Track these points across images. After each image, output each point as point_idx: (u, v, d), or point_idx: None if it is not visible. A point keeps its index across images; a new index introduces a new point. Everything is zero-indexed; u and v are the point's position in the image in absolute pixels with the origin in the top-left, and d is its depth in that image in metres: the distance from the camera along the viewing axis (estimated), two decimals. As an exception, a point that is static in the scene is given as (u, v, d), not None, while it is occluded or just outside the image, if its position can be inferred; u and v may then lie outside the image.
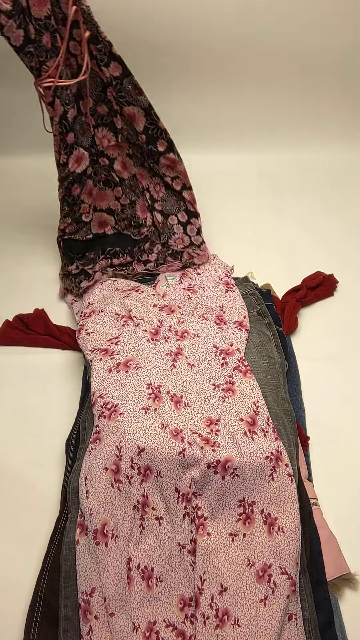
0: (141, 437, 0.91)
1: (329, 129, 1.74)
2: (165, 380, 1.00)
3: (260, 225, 1.55)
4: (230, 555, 0.86)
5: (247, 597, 0.83)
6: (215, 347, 1.06)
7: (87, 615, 0.82)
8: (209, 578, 0.83)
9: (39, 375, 1.22)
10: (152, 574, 0.84)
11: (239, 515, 0.88)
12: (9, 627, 0.88)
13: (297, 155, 1.74)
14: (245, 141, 1.75)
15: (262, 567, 0.85)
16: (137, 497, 0.89)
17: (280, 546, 0.86)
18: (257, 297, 1.23)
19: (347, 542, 0.95)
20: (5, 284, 1.42)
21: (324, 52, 1.56)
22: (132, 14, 1.45)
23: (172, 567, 0.85)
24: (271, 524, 0.87)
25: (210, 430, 0.93)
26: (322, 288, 1.35)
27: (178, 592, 0.84)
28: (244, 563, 0.85)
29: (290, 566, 0.84)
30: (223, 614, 0.81)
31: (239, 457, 0.90)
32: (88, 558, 0.85)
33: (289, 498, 0.89)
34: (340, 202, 1.61)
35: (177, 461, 0.89)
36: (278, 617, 0.81)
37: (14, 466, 1.07)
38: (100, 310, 1.16)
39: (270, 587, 0.83)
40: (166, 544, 0.86)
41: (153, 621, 0.81)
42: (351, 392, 1.17)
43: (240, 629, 0.81)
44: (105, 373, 1.02)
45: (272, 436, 0.94)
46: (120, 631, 0.80)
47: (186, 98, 1.65)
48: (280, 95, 1.66)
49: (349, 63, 1.59)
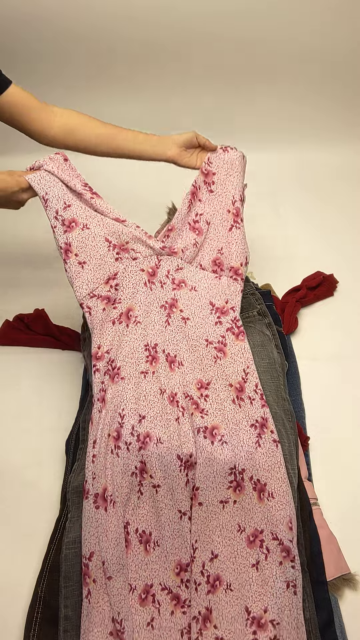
0: (142, 404, 0.93)
1: (329, 129, 1.74)
2: (160, 338, 1.01)
3: (260, 224, 1.55)
4: (220, 522, 0.87)
5: (239, 562, 0.84)
6: (212, 304, 1.06)
7: (86, 579, 0.84)
8: (200, 546, 0.85)
9: (39, 375, 1.22)
10: (150, 538, 0.86)
11: (229, 482, 0.89)
12: (9, 627, 0.88)
13: (297, 154, 1.74)
14: (245, 141, 1.74)
15: (252, 532, 0.86)
16: (135, 464, 0.89)
17: (270, 512, 0.87)
18: (257, 297, 1.23)
19: (347, 542, 0.95)
20: (5, 284, 1.42)
21: (324, 53, 1.56)
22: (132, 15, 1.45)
23: (169, 534, 0.86)
24: (261, 490, 0.88)
25: (201, 395, 0.96)
26: (322, 288, 1.35)
27: (175, 558, 0.85)
28: (235, 529, 0.86)
29: (281, 532, 0.85)
30: (215, 579, 0.83)
31: (225, 425, 0.92)
32: (88, 522, 0.87)
33: (276, 463, 0.90)
34: (341, 202, 1.62)
35: (175, 427, 0.91)
36: (271, 583, 0.82)
37: (14, 466, 1.07)
38: (86, 226, 1.02)
39: (262, 552, 0.84)
40: (163, 511, 0.87)
41: (150, 584, 0.83)
42: (351, 392, 1.17)
43: (232, 593, 0.82)
44: (109, 325, 1.01)
45: (259, 403, 0.95)
46: (117, 594, 0.81)
47: (185, 98, 1.65)
48: (280, 95, 1.66)
49: (349, 63, 1.59)
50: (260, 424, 0.93)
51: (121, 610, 0.80)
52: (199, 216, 1.10)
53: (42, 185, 1.00)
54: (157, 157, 1.11)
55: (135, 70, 1.57)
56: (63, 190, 1.02)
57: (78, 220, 1.02)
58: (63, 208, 1.01)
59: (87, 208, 1.03)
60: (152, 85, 1.62)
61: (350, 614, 0.89)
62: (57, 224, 1.01)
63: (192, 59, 1.56)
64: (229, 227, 1.10)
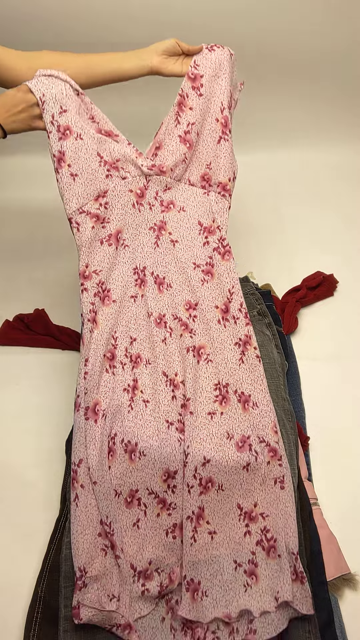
0: (132, 327, 0.99)
1: (329, 129, 1.74)
2: (149, 260, 1.02)
3: (260, 225, 1.55)
4: (210, 431, 0.92)
5: (230, 465, 0.90)
6: (200, 223, 1.06)
7: (74, 484, 0.89)
8: (192, 452, 0.89)
9: (39, 375, 1.22)
10: (135, 448, 0.90)
11: (215, 397, 0.95)
12: (9, 627, 0.88)
13: (297, 154, 1.74)
14: (245, 141, 1.75)
15: (240, 438, 0.92)
16: (129, 382, 0.95)
17: (256, 419, 0.94)
18: (257, 297, 1.23)
19: (347, 542, 0.95)
20: (5, 284, 1.42)
21: (324, 53, 1.56)
22: (132, 15, 1.45)
23: (157, 444, 0.90)
24: (245, 401, 0.95)
25: (189, 315, 1.01)
26: (322, 288, 1.35)
27: (163, 466, 0.89)
28: (224, 436, 0.92)
29: (267, 435, 0.92)
30: (207, 481, 0.88)
31: (211, 344, 0.98)
32: (78, 432, 0.92)
33: (259, 377, 0.97)
34: (341, 202, 1.62)
35: (162, 348, 0.97)
36: (260, 480, 0.89)
37: (14, 466, 1.07)
38: (80, 136, 1.00)
39: (252, 454, 0.90)
40: (151, 423, 0.92)
41: (135, 489, 0.88)
42: (351, 392, 1.17)
43: (224, 493, 0.89)
44: (97, 245, 1.01)
45: (243, 322, 1.00)
46: (103, 498, 0.87)
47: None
48: (280, 95, 1.66)
49: (349, 63, 1.59)
50: (244, 341, 0.99)
51: (109, 513, 0.86)
52: (191, 126, 1.05)
53: (39, 87, 0.97)
54: (139, 72, 1.06)
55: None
56: (61, 93, 0.99)
57: (72, 128, 0.99)
58: (59, 112, 0.98)
59: (82, 116, 1.01)
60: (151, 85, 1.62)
61: (350, 614, 0.89)
62: (53, 130, 0.99)
63: (192, 59, 1.56)
64: (217, 139, 1.06)
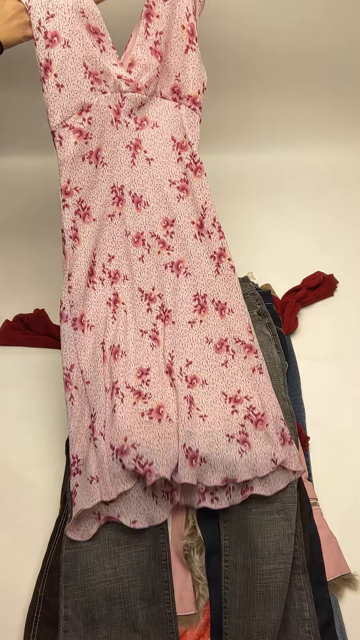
0: (110, 246, 1.04)
1: (329, 129, 1.74)
2: (127, 179, 1.05)
3: (260, 225, 1.55)
4: (191, 338, 1.03)
5: (210, 364, 1.01)
6: (173, 139, 1.07)
7: (68, 385, 0.99)
8: (176, 355, 1.01)
9: (39, 375, 1.22)
10: (118, 349, 1.00)
11: (194, 307, 1.05)
12: (9, 627, 0.88)
13: (297, 155, 1.74)
14: (245, 141, 1.75)
15: (219, 341, 1.03)
16: (109, 295, 1.04)
17: (232, 323, 1.03)
18: (257, 297, 1.23)
19: (347, 542, 0.95)
20: (5, 284, 1.42)
21: (325, 52, 1.56)
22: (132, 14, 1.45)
23: (134, 348, 1.01)
24: (222, 309, 1.04)
25: (167, 232, 1.06)
26: (322, 288, 1.35)
27: (137, 366, 1.00)
28: (204, 341, 1.03)
29: (242, 335, 1.02)
30: (192, 379, 0.99)
31: (188, 258, 1.05)
32: (67, 341, 1.00)
33: (234, 285, 1.05)
34: (340, 202, 1.61)
35: (138, 266, 1.05)
36: (239, 372, 1.00)
37: (14, 466, 1.08)
38: (67, 43, 0.97)
39: (229, 354, 1.02)
40: (130, 330, 1.03)
41: (115, 381, 0.97)
42: (351, 392, 1.17)
43: (208, 386, 0.99)
44: (79, 161, 1.01)
45: (217, 236, 1.06)
46: (94, 395, 0.96)
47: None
48: (280, 95, 1.66)
49: (348, 63, 1.59)
50: (219, 254, 1.05)
51: (96, 406, 0.95)
52: (159, 35, 1.04)
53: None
54: None
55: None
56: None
57: (60, 34, 0.96)
58: (45, 18, 0.95)
59: (70, 21, 0.97)
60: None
61: (350, 614, 0.89)
62: (40, 36, 0.95)
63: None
64: (185, 48, 1.04)
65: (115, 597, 0.86)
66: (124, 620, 0.85)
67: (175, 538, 0.95)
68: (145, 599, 0.87)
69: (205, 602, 0.90)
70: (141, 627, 0.85)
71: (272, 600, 0.85)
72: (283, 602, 0.84)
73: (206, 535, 0.94)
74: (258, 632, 0.83)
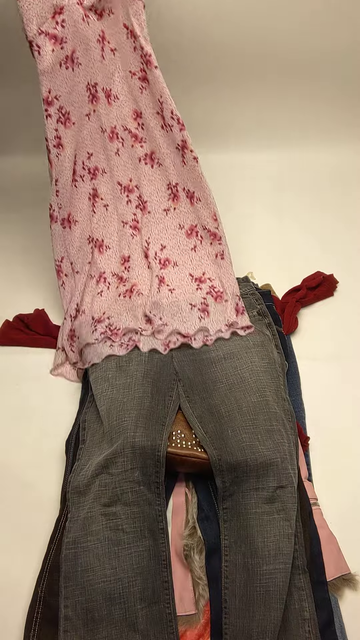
0: (89, 144, 1.13)
1: (329, 129, 1.74)
2: (99, 75, 1.11)
3: (260, 225, 1.55)
4: (165, 225, 1.18)
5: (181, 248, 1.18)
6: (125, 26, 1.10)
7: (60, 274, 1.18)
8: (151, 242, 1.17)
9: (39, 375, 1.22)
10: (102, 243, 1.16)
11: (168, 195, 1.17)
12: (9, 627, 0.88)
13: (298, 155, 1.74)
14: (245, 141, 1.75)
15: (189, 227, 1.18)
16: (89, 191, 1.15)
17: (200, 211, 1.18)
18: (257, 297, 1.23)
19: (347, 542, 0.95)
20: (5, 284, 1.42)
21: (325, 52, 1.56)
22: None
23: (117, 239, 1.14)
24: (191, 197, 1.17)
25: (137, 125, 1.15)
26: (322, 288, 1.35)
27: (120, 254, 1.17)
28: (177, 227, 1.18)
29: (209, 224, 1.18)
30: (165, 261, 1.17)
31: (159, 149, 1.15)
32: (58, 239, 1.15)
33: (198, 175, 1.16)
34: (341, 202, 1.61)
35: (115, 160, 1.15)
36: (205, 256, 1.18)
37: (14, 466, 1.07)
38: None
39: (197, 239, 1.18)
40: (111, 223, 1.16)
41: (103, 271, 1.15)
42: (351, 392, 1.17)
43: (178, 268, 1.18)
44: (57, 67, 1.06)
45: (177, 128, 1.12)
46: (80, 282, 1.14)
47: (185, 99, 1.65)
48: (280, 95, 1.66)
49: (349, 63, 1.59)
50: (182, 146, 1.13)
51: (83, 290, 1.13)
52: None
53: None
54: None
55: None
56: None
57: None
58: None
59: None
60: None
61: (350, 614, 0.89)
62: None
63: (192, 59, 1.56)
64: None
65: (115, 597, 0.86)
66: (124, 620, 0.85)
67: (175, 538, 0.95)
68: (145, 599, 0.87)
69: (205, 602, 0.90)
70: (141, 627, 0.85)
71: (272, 601, 0.85)
72: (283, 602, 0.84)
73: (206, 535, 0.95)
74: (258, 632, 0.83)
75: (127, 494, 0.93)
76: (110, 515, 0.92)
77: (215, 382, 1.06)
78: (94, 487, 0.94)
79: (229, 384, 1.05)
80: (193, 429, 1.00)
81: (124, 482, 0.93)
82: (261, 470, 0.93)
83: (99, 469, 0.95)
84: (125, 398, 1.02)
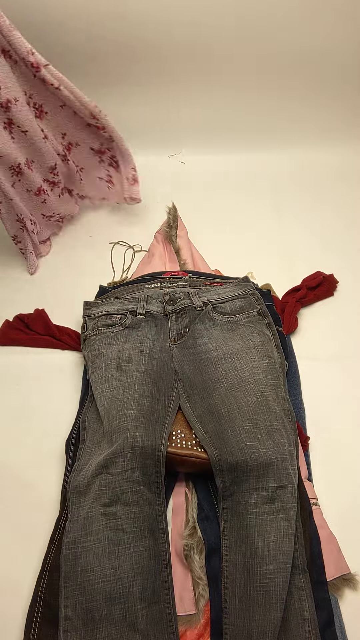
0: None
1: (329, 129, 1.74)
2: None
3: (260, 225, 1.55)
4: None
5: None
6: None
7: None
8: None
9: (39, 375, 1.22)
10: (42, 109, 1.23)
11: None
12: (9, 627, 0.88)
13: (297, 154, 1.74)
14: (245, 141, 1.75)
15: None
16: (4, 120, 1.19)
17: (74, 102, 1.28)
18: (257, 297, 1.23)
19: (347, 542, 0.95)
20: (5, 284, 1.42)
21: (325, 52, 1.56)
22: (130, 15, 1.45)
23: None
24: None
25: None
26: (322, 288, 1.35)
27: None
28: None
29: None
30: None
31: None
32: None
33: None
34: (340, 202, 1.61)
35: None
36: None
37: (14, 466, 1.07)
38: None
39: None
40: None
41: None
42: (351, 392, 1.17)
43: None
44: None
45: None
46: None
47: (186, 99, 1.65)
48: (280, 94, 1.66)
49: (349, 63, 1.59)
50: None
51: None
52: None
53: None
54: None
55: (135, 71, 1.57)
56: None
57: None
58: None
59: None
60: (151, 86, 1.62)
61: (350, 614, 0.89)
62: None
63: (192, 60, 1.56)
64: None
65: (115, 597, 0.86)
66: (124, 620, 0.85)
67: (175, 538, 0.95)
68: (145, 599, 0.87)
69: (205, 602, 0.90)
70: (141, 627, 0.85)
71: (272, 601, 0.85)
72: (283, 602, 0.84)
73: (206, 535, 0.95)
74: (258, 632, 0.83)
75: (127, 493, 0.93)
76: (110, 515, 0.92)
77: (215, 382, 1.06)
78: (94, 487, 0.94)
79: (229, 383, 1.05)
80: (193, 428, 1.00)
81: (124, 482, 0.93)
82: (261, 470, 0.93)
83: (99, 469, 0.95)
84: (125, 398, 1.02)
